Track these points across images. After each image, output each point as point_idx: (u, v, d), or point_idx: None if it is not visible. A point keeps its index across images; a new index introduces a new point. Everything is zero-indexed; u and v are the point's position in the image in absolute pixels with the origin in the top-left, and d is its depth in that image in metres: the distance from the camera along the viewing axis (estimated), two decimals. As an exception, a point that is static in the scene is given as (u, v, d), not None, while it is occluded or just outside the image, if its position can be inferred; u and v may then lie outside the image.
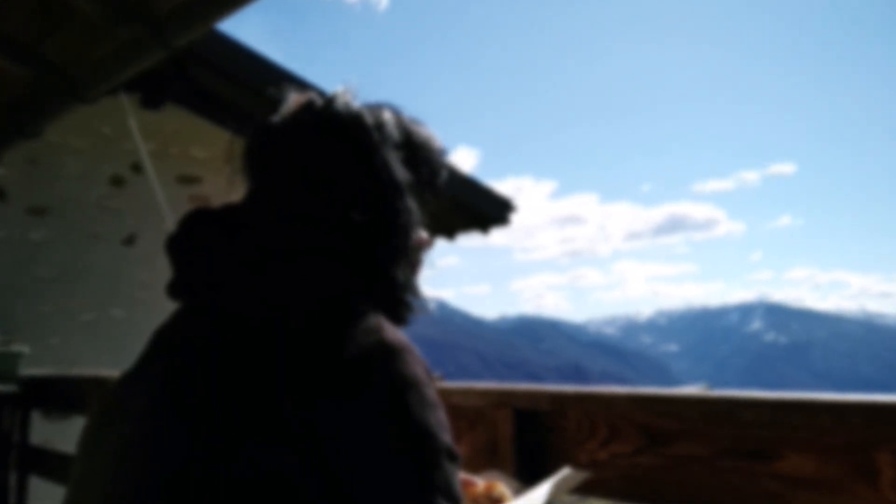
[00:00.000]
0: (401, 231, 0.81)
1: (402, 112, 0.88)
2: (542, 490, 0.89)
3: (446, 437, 0.66)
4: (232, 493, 0.60)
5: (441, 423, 0.67)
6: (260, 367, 0.66)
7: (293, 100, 0.84)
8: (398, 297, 0.82)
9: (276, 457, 0.60)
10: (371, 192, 0.78)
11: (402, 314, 0.83)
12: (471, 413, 1.26)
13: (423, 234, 0.87)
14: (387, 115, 0.84)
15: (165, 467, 0.63)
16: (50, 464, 2.63)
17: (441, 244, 5.95)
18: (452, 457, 0.66)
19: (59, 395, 2.78)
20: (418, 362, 0.69)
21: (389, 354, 0.67)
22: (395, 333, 0.70)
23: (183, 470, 0.62)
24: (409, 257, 0.84)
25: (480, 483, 0.93)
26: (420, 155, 0.86)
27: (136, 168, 4.17)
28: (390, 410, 0.64)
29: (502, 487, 0.93)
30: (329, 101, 0.83)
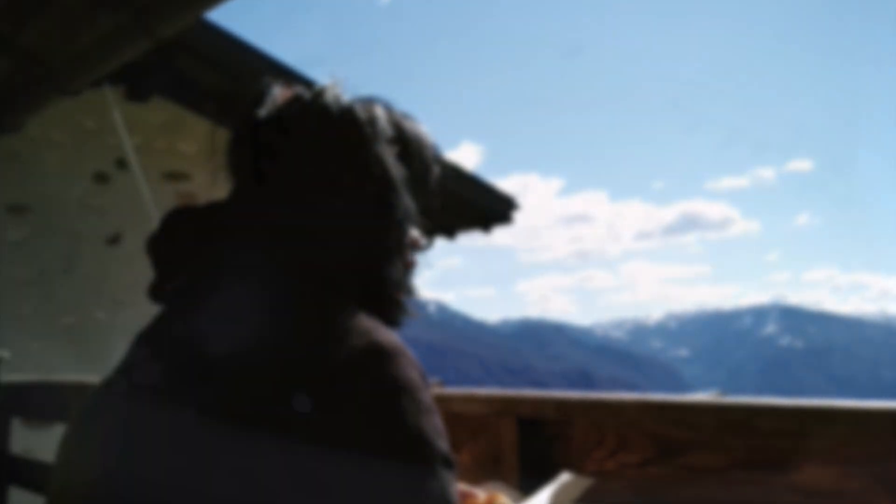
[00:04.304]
0: (395, 228, 0.81)
1: (393, 107, 0.88)
2: (542, 497, 0.89)
3: (442, 443, 0.66)
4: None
5: (437, 429, 0.66)
6: (244, 374, 0.65)
7: (279, 93, 0.84)
8: (392, 298, 0.82)
9: (263, 465, 0.60)
10: (364, 188, 0.78)
11: (395, 316, 0.83)
12: (472, 421, 1.25)
13: (417, 232, 0.87)
14: (378, 110, 0.84)
15: (147, 476, 0.63)
16: (31, 474, 2.63)
17: (441, 244, 5.95)
18: (449, 464, 0.66)
19: (40, 401, 2.78)
20: (413, 366, 0.68)
21: (382, 357, 0.67)
22: (388, 335, 0.70)
23: (166, 478, 0.62)
24: (404, 256, 0.84)
25: (482, 495, 0.93)
26: (412, 150, 0.86)
27: (121, 164, 4.17)
28: (383, 416, 0.63)
29: (505, 499, 0.93)
30: (318, 94, 0.83)
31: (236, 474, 0.60)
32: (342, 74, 0.87)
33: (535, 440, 1.18)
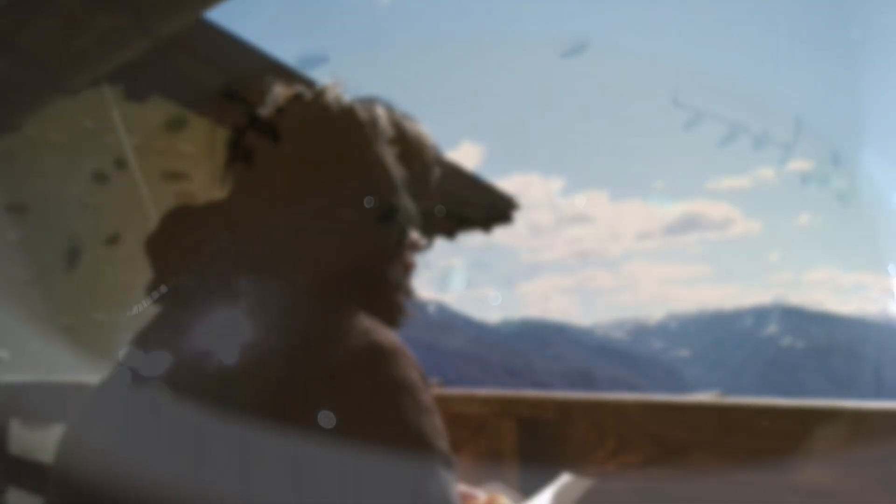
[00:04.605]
0: (394, 229, 0.81)
1: (394, 107, 0.88)
2: (542, 498, 0.89)
3: (442, 443, 0.66)
4: None
5: (437, 429, 0.66)
6: (245, 374, 0.65)
7: (280, 92, 0.84)
8: (391, 299, 0.82)
9: (262, 464, 0.60)
10: (364, 189, 0.78)
11: (395, 317, 0.83)
12: (473, 422, 1.25)
13: (417, 233, 0.87)
14: (379, 110, 0.84)
15: (146, 476, 0.63)
16: (30, 475, 2.63)
17: (441, 244, 5.96)
18: (449, 464, 0.66)
19: (38, 402, 2.78)
20: (412, 365, 0.68)
21: (382, 357, 0.67)
22: (387, 335, 0.70)
23: (166, 478, 0.62)
24: (403, 257, 0.85)
25: (482, 496, 0.93)
26: (413, 151, 0.86)
27: (120, 163, 4.17)
28: (383, 416, 0.63)
29: (505, 500, 0.93)
30: (319, 94, 0.83)
31: (236, 473, 0.60)
32: (342, 74, 0.87)
33: (535, 440, 1.18)
